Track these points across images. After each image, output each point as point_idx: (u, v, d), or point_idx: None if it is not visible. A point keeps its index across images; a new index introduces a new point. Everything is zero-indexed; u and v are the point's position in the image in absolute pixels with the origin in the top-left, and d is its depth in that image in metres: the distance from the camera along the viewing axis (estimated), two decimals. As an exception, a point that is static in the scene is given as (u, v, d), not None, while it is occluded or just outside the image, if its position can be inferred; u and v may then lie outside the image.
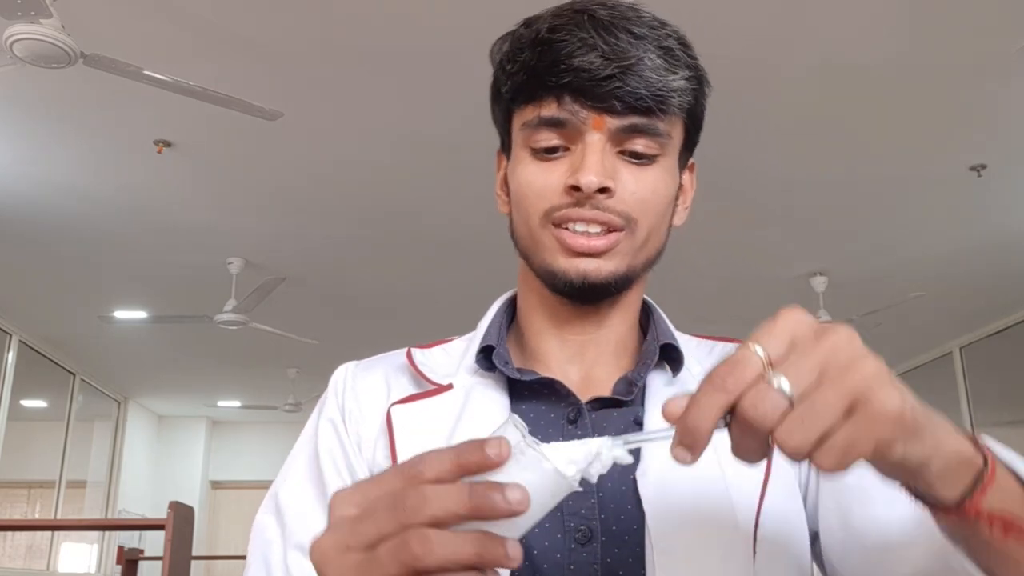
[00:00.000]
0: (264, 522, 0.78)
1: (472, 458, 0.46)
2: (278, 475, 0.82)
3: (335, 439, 0.80)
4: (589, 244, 0.74)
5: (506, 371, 0.78)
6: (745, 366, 0.47)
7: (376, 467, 0.77)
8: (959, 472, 0.52)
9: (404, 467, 0.48)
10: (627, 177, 0.75)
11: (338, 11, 3.51)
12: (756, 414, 0.46)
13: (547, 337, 0.82)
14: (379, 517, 0.46)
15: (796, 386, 0.46)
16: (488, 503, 0.45)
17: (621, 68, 0.72)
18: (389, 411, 0.78)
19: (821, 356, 0.47)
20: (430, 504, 0.45)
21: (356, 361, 0.87)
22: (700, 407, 0.47)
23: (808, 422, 0.46)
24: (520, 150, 0.78)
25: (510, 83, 0.77)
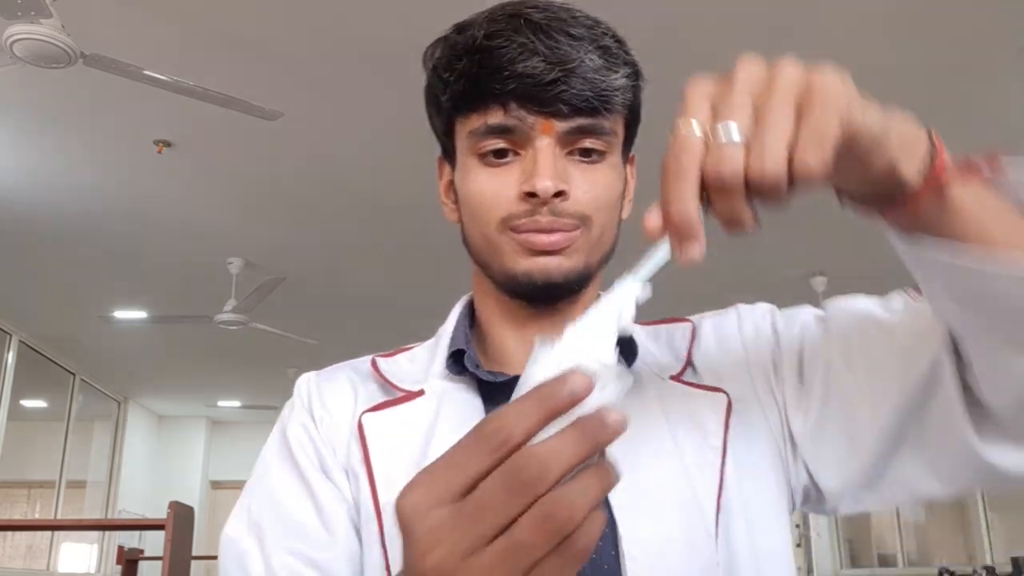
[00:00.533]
0: (235, 535, 0.76)
1: (559, 404, 0.44)
2: (243, 493, 0.80)
3: (308, 440, 0.79)
4: (550, 240, 0.74)
5: (479, 374, 0.78)
6: (687, 140, 0.47)
7: (350, 470, 0.77)
8: (916, 144, 0.54)
9: (482, 440, 0.44)
10: (579, 178, 0.75)
11: (338, 11, 3.51)
12: (724, 171, 0.46)
13: (510, 340, 0.82)
14: (498, 502, 0.43)
15: (742, 125, 0.46)
16: (602, 440, 0.43)
17: (564, 71, 0.72)
18: (360, 419, 0.77)
19: (741, 83, 0.47)
20: (551, 468, 0.43)
21: (316, 372, 0.86)
22: (674, 201, 0.48)
23: (769, 138, 0.46)
24: (467, 158, 0.78)
25: (450, 91, 0.77)
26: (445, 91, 0.78)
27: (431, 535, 0.44)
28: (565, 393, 0.44)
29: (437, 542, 0.43)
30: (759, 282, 6.50)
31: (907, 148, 0.53)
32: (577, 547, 0.43)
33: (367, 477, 0.74)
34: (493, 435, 0.44)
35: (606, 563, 0.70)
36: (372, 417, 0.78)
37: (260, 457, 0.82)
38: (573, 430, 0.43)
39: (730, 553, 0.71)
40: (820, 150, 0.46)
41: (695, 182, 0.47)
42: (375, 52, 3.73)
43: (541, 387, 0.44)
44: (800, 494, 0.79)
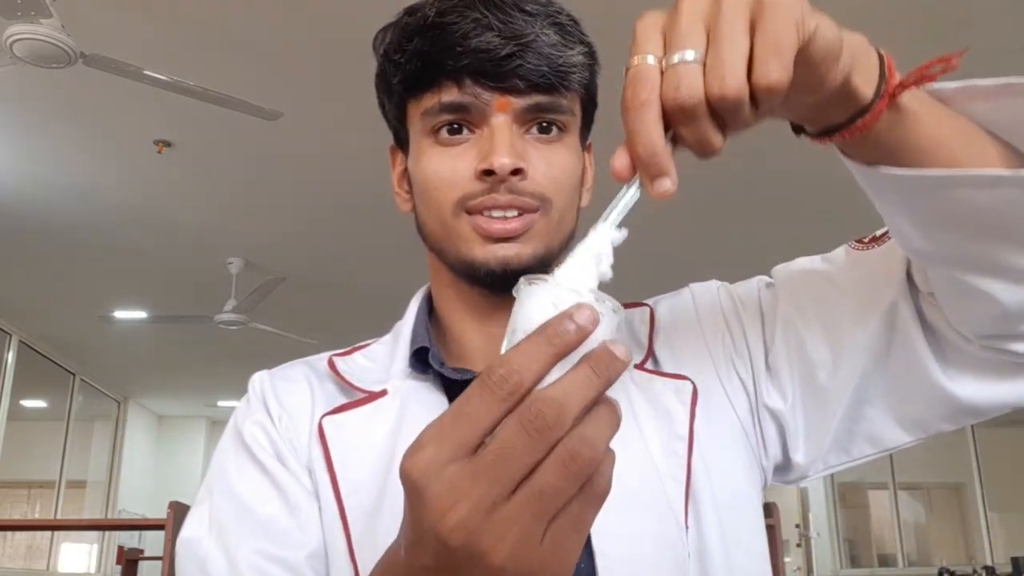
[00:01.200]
0: (194, 537, 0.72)
1: (569, 341, 0.42)
2: (198, 498, 0.76)
3: (266, 437, 0.76)
4: (506, 228, 0.71)
5: (444, 372, 0.76)
6: (642, 72, 0.46)
7: (313, 474, 0.74)
8: (868, 57, 0.53)
9: (491, 388, 0.42)
10: (537, 157, 0.73)
11: (339, 11, 3.51)
12: (682, 95, 0.45)
13: (471, 333, 0.79)
14: (519, 450, 0.41)
15: (692, 47, 0.45)
16: (613, 374, 0.43)
17: (520, 46, 0.70)
18: (320, 422, 0.75)
19: (687, 11, 0.46)
20: (569, 409, 0.41)
21: (269, 370, 0.83)
22: (638, 131, 0.45)
23: (726, 55, 0.44)
24: (421, 139, 0.75)
25: (401, 73, 0.75)
26: (396, 74, 0.76)
27: (449, 494, 0.41)
28: (573, 329, 0.42)
29: (456, 500, 0.41)
30: (759, 282, 6.50)
31: (860, 61, 0.53)
32: (598, 487, 0.43)
33: (330, 482, 0.72)
34: (503, 382, 0.42)
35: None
36: (333, 420, 0.75)
37: (214, 460, 0.78)
38: (585, 367, 0.42)
39: (701, 543, 0.71)
40: (779, 58, 0.45)
41: (657, 111, 0.45)
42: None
43: (547, 326, 0.43)
44: (771, 471, 0.79)
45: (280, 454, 0.75)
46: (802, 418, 0.75)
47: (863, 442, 0.75)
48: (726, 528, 0.72)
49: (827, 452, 0.76)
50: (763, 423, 0.77)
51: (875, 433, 0.74)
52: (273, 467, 0.74)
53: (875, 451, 0.75)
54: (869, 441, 0.74)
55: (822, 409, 0.74)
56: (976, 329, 0.65)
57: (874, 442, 0.74)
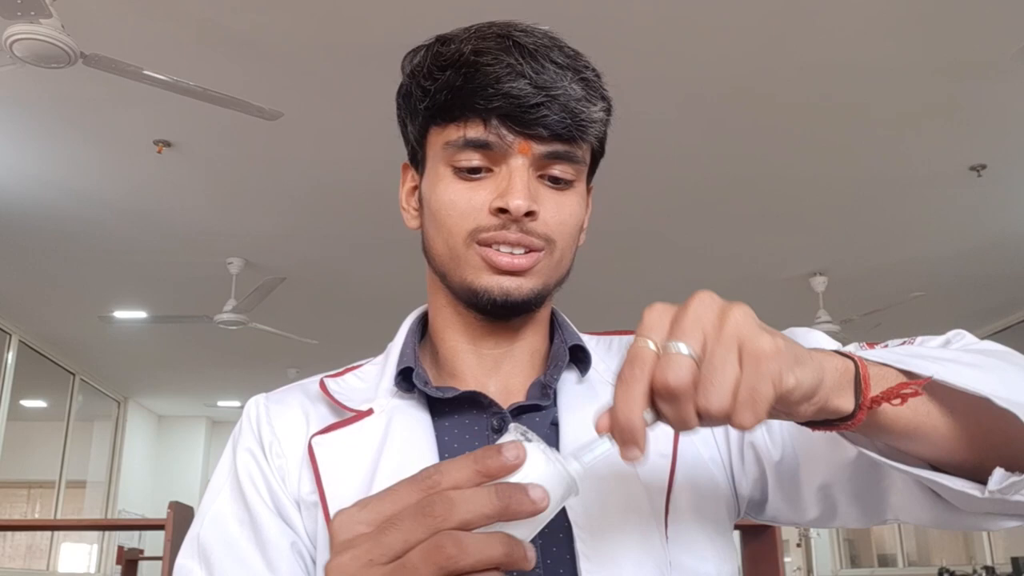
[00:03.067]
0: (187, 566, 0.77)
1: (492, 463, 0.49)
2: (196, 517, 0.80)
3: (257, 469, 0.79)
4: (513, 263, 0.76)
5: (427, 391, 0.78)
6: (641, 354, 0.52)
7: (302, 500, 0.77)
8: (844, 380, 0.58)
9: (418, 479, 0.50)
10: (548, 201, 0.77)
11: (339, 11, 3.51)
12: (671, 379, 0.50)
13: (463, 354, 0.82)
14: (405, 526, 0.48)
15: (689, 344, 0.51)
16: (515, 503, 0.48)
17: (548, 97, 0.74)
18: (310, 442, 0.77)
19: (693, 316, 0.52)
20: (459, 508, 0.47)
21: (266, 394, 0.86)
22: (622, 404, 0.51)
23: (717, 382, 0.51)
24: (441, 167, 0.79)
25: (430, 100, 0.78)
26: (424, 99, 0.78)
27: (346, 543, 0.49)
28: (497, 457, 0.49)
29: (347, 549, 0.49)
30: (760, 282, 6.50)
31: (838, 387, 0.58)
32: None
33: (321, 504, 0.75)
34: (426, 478, 0.49)
35: (561, 567, 0.72)
36: (322, 440, 0.78)
37: (213, 477, 0.82)
38: (490, 487, 0.48)
39: (677, 557, 0.73)
40: (754, 409, 0.51)
41: (643, 389, 0.51)
42: (375, 52, 3.73)
43: (480, 449, 0.50)
44: (744, 504, 0.81)
45: (269, 489, 0.78)
46: (778, 481, 0.79)
47: (833, 517, 0.78)
48: (700, 547, 0.75)
49: (802, 514, 0.79)
50: (746, 460, 0.79)
51: (845, 514, 0.78)
52: (255, 504, 0.77)
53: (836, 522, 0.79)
54: (836, 516, 0.78)
55: (796, 485, 0.78)
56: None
57: (840, 517, 0.78)
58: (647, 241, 5.78)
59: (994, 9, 3.49)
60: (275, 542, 0.75)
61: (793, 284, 6.49)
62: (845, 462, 0.73)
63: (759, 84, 4.04)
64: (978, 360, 0.63)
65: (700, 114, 4.31)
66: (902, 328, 7.41)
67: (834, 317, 6.31)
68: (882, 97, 4.14)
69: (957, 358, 0.63)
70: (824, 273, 6.35)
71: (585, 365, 0.82)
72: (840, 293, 6.44)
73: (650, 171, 4.78)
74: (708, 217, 5.44)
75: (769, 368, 0.51)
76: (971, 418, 0.62)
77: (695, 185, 5.07)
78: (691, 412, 0.51)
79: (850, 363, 0.59)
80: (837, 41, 3.71)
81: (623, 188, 4.92)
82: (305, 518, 0.76)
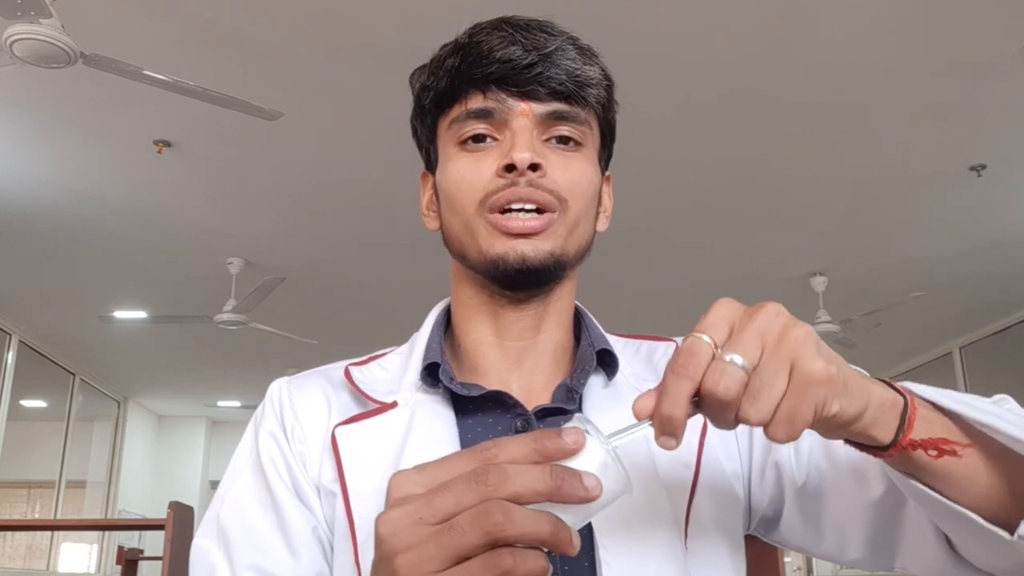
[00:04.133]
0: (204, 546, 0.76)
1: (551, 444, 0.49)
2: (214, 499, 0.80)
3: (278, 452, 0.78)
4: (525, 225, 0.75)
5: (453, 387, 0.77)
6: (698, 352, 0.53)
7: (322, 487, 0.76)
8: (889, 415, 0.58)
9: (475, 451, 0.50)
10: (556, 161, 0.77)
11: (339, 11, 3.51)
12: (720, 389, 0.51)
13: (486, 348, 0.81)
14: (458, 491, 0.48)
15: (746, 357, 0.52)
16: (568, 486, 0.48)
17: (542, 56, 0.76)
18: (334, 432, 0.77)
19: (757, 327, 0.53)
20: (512, 480, 0.48)
21: (288, 378, 0.85)
22: (670, 396, 0.52)
23: (762, 396, 0.52)
24: (448, 148, 0.80)
25: (433, 92, 0.80)
26: (429, 95, 0.81)
27: (399, 500, 0.50)
28: (556, 440, 0.50)
29: (399, 505, 0.50)
30: (760, 282, 6.50)
31: (882, 418, 0.58)
32: (503, 564, 0.47)
33: (342, 493, 0.74)
34: (483, 450, 0.50)
35: (580, 573, 0.71)
36: (345, 430, 0.77)
37: (233, 458, 0.82)
38: (546, 467, 0.49)
39: (696, 567, 0.73)
40: (790, 426, 0.52)
41: (692, 387, 0.52)
42: (375, 52, 3.73)
43: (539, 432, 0.50)
44: (758, 517, 0.81)
45: (290, 472, 0.77)
46: (798, 505, 0.78)
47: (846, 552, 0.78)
48: (719, 558, 0.75)
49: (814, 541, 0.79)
50: (766, 477, 0.79)
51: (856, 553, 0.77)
52: (277, 487, 0.77)
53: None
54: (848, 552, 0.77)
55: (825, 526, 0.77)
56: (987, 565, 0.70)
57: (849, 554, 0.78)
58: (647, 241, 5.78)
59: (994, 9, 3.49)
60: (296, 526, 0.75)
61: (793, 284, 6.48)
62: (868, 502, 0.72)
63: (759, 84, 4.04)
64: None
65: (700, 114, 4.31)
66: (902, 328, 7.42)
67: (834, 317, 6.31)
68: (882, 97, 4.14)
69: (1002, 414, 0.62)
70: (824, 273, 6.35)
71: (612, 369, 0.81)
72: (840, 293, 6.43)
73: (650, 171, 4.78)
74: (708, 217, 5.43)
75: (816, 393, 0.52)
76: (1007, 474, 0.62)
77: (695, 185, 5.07)
78: (731, 417, 0.53)
79: (900, 399, 0.59)
80: (837, 41, 3.71)
81: (623, 188, 4.90)
82: (324, 505, 0.76)
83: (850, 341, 6.63)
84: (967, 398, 0.64)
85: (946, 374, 8.20)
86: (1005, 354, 7.59)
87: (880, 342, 7.52)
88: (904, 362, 8.75)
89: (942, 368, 8.30)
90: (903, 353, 8.48)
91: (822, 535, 0.77)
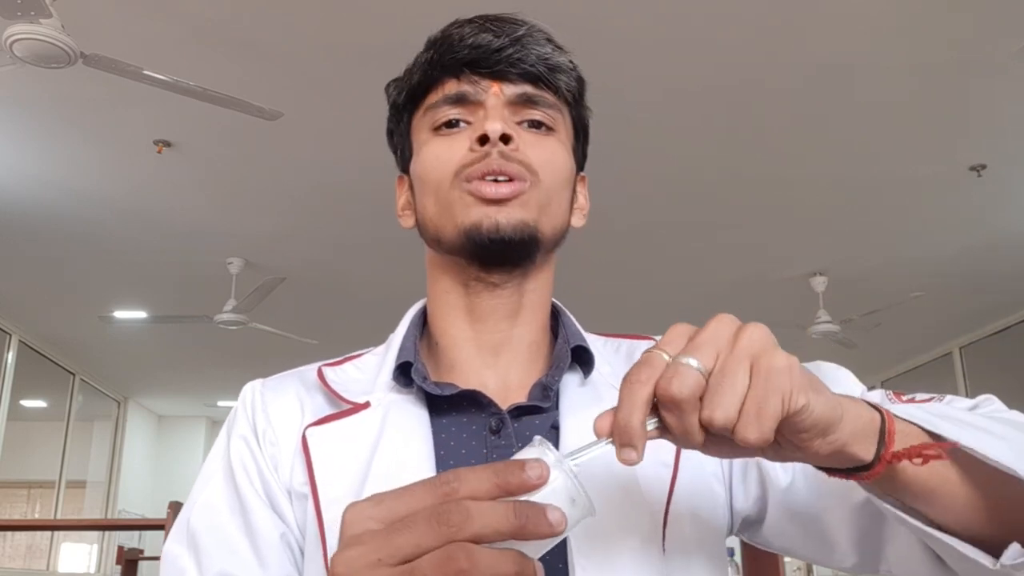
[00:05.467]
0: (175, 552, 0.76)
1: (513, 480, 0.48)
2: (186, 503, 0.79)
3: (250, 457, 0.78)
4: (498, 191, 0.76)
5: (425, 387, 0.77)
6: (653, 360, 0.53)
7: (293, 490, 0.76)
8: (868, 430, 0.57)
9: (436, 483, 0.48)
10: (528, 139, 0.79)
11: (339, 11, 3.51)
12: (675, 389, 0.51)
13: (461, 343, 0.81)
14: (418, 530, 0.46)
15: (701, 361, 0.52)
16: (532, 524, 0.46)
17: (512, 40, 0.78)
18: (304, 433, 0.76)
19: (710, 333, 0.53)
20: (474, 520, 0.46)
21: (262, 379, 0.85)
22: (625, 404, 0.51)
23: (724, 392, 0.51)
24: (422, 135, 0.81)
25: (408, 88, 0.83)
26: (403, 91, 0.84)
27: (355, 538, 0.48)
28: (518, 473, 0.48)
29: (356, 544, 0.48)
30: (760, 282, 6.50)
31: (861, 433, 0.57)
32: None
33: (312, 497, 0.73)
34: (443, 483, 0.48)
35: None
36: (316, 431, 0.76)
37: (206, 462, 0.81)
38: (510, 504, 0.47)
39: (673, 570, 0.72)
40: (759, 423, 0.51)
41: (647, 393, 0.52)
42: (375, 52, 3.73)
43: (501, 463, 0.49)
44: (740, 518, 0.80)
45: (261, 478, 0.77)
46: (784, 506, 0.77)
47: (831, 553, 0.77)
48: (699, 561, 0.74)
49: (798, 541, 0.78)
50: (748, 478, 0.78)
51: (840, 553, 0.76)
52: (247, 492, 0.76)
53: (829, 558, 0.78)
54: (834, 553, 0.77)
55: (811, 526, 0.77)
56: None
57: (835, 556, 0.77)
58: (647, 241, 5.78)
59: (994, 9, 3.49)
60: (265, 533, 0.74)
61: (793, 284, 6.48)
62: (852, 505, 0.72)
63: (759, 84, 4.04)
64: (1007, 432, 0.61)
65: (700, 114, 4.31)
66: (902, 328, 7.42)
67: (834, 317, 6.31)
68: (882, 96, 4.14)
69: (986, 426, 0.61)
70: (824, 273, 6.35)
71: (588, 367, 0.80)
72: (840, 293, 6.43)
73: (650, 171, 4.78)
74: (708, 217, 5.43)
75: (779, 383, 0.51)
76: (992, 490, 0.61)
77: (694, 185, 5.07)
78: (694, 423, 0.52)
79: (877, 415, 0.58)
80: (837, 40, 3.71)
81: (623, 188, 4.92)
82: (295, 508, 0.76)
83: (850, 341, 6.63)
84: (942, 409, 0.63)
85: (946, 374, 8.20)
86: (1005, 354, 7.59)
87: (880, 342, 7.52)
88: (904, 362, 8.74)
89: (942, 368, 8.29)
90: (903, 353, 8.48)
91: (806, 538, 0.76)
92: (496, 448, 0.74)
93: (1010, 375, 7.68)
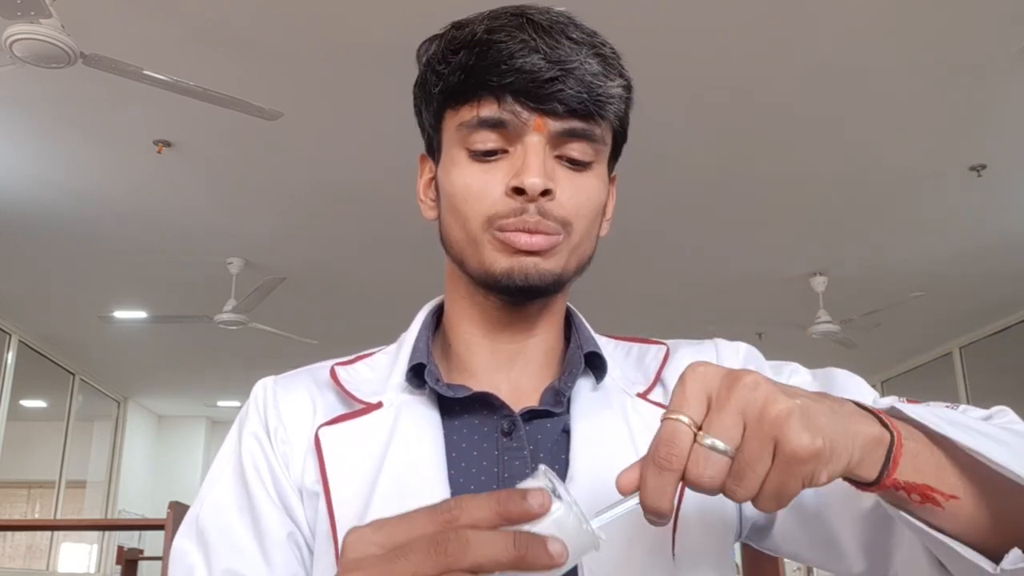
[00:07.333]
0: (184, 547, 0.76)
1: (515, 509, 0.48)
2: (196, 499, 0.79)
3: (261, 454, 0.78)
4: (531, 242, 0.73)
5: (438, 389, 0.76)
6: (678, 439, 0.52)
7: (305, 489, 0.76)
8: (875, 453, 0.57)
9: (436, 510, 0.49)
10: (565, 182, 0.75)
11: (339, 11, 3.51)
12: (704, 480, 0.51)
13: (476, 348, 0.80)
14: (416, 558, 0.47)
15: (727, 441, 0.51)
16: (532, 555, 0.46)
17: (563, 71, 0.72)
18: (317, 433, 0.76)
19: (736, 404, 0.52)
20: (473, 550, 0.46)
21: (274, 377, 0.84)
22: (653, 490, 0.51)
23: (746, 477, 0.51)
24: (456, 151, 0.77)
25: (443, 84, 0.76)
26: (438, 83, 0.77)
27: (355, 563, 0.48)
28: (519, 502, 0.48)
29: (355, 569, 0.48)
30: (760, 282, 6.50)
31: (868, 459, 0.57)
32: None
33: (324, 495, 0.74)
34: (445, 511, 0.48)
35: None
36: (329, 431, 0.76)
37: (217, 458, 0.81)
38: (511, 535, 0.47)
39: (683, 572, 0.72)
40: (779, 500, 0.52)
41: (677, 478, 0.52)
42: (375, 52, 3.73)
43: (502, 491, 0.49)
44: (749, 524, 0.80)
45: (273, 476, 0.77)
46: (794, 512, 0.77)
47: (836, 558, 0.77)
48: (706, 563, 0.74)
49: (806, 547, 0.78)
50: None
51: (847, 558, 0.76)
52: (256, 490, 0.76)
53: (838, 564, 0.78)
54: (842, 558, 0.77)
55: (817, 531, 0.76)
56: None
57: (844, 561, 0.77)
58: (648, 241, 5.78)
59: (994, 9, 3.49)
60: (272, 532, 0.75)
61: (793, 284, 6.48)
62: (861, 511, 0.72)
63: (760, 85, 4.04)
64: (1015, 441, 0.61)
65: (701, 114, 4.31)
66: (902, 328, 7.42)
67: (834, 317, 6.31)
68: (882, 97, 4.14)
69: (996, 436, 0.60)
70: (824, 273, 6.35)
71: (601, 372, 0.79)
72: (840, 293, 6.43)
73: (650, 171, 4.78)
74: (709, 217, 5.43)
75: (802, 471, 0.51)
76: (997, 501, 0.60)
77: (695, 185, 5.07)
78: (717, 494, 0.53)
79: (886, 435, 0.57)
80: (838, 42, 3.71)
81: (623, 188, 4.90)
82: (306, 507, 0.76)
83: (850, 341, 6.64)
84: (953, 416, 0.62)
85: (946, 374, 8.20)
86: (1005, 354, 7.59)
87: (880, 342, 7.52)
88: (904, 362, 8.74)
89: (942, 368, 8.29)
90: (903, 353, 8.48)
91: (814, 544, 0.75)
92: (508, 450, 0.74)
93: (1010, 375, 7.68)
